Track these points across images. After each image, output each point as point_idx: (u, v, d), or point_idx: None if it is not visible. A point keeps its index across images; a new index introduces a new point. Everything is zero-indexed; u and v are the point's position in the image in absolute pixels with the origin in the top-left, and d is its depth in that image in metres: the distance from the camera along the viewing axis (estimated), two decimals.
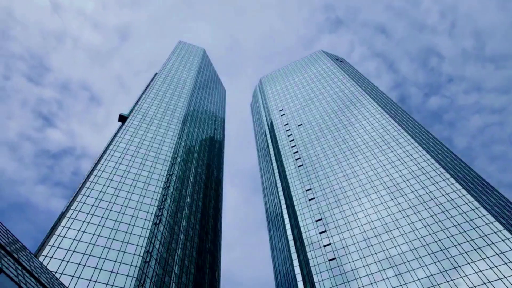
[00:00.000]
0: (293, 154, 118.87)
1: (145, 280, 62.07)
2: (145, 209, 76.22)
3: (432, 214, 75.48)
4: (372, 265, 71.66)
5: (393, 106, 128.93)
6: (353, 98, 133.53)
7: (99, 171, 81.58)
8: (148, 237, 69.50)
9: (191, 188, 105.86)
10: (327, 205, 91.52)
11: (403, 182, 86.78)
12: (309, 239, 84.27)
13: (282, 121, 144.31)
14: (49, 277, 35.80)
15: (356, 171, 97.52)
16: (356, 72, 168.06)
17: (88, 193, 74.18)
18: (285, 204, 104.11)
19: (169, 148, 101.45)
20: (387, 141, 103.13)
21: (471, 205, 73.02)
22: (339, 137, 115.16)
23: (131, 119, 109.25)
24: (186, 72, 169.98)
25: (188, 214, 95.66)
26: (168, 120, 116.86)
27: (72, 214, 67.65)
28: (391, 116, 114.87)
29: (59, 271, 55.86)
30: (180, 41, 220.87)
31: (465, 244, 66.50)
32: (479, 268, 61.62)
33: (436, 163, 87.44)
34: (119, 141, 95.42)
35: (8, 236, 32.44)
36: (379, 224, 79.29)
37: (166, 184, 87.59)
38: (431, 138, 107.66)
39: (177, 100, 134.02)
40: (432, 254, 67.84)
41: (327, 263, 76.48)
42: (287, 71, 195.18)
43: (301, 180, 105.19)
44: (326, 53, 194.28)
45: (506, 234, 64.61)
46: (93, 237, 64.64)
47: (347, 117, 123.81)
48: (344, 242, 79.39)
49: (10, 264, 25.43)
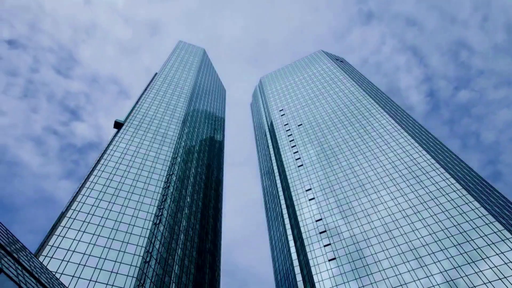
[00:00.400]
0: (293, 154, 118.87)
1: (145, 280, 62.08)
2: (145, 209, 76.22)
3: (432, 214, 75.51)
4: (372, 265, 71.70)
5: (393, 106, 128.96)
6: (353, 98, 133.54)
7: (99, 171, 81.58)
8: (148, 237, 69.51)
9: (191, 188, 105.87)
10: (327, 205, 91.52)
11: (403, 182, 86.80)
12: (309, 239, 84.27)
13: (282, 121, 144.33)
14: (49, 277, 35.80)
15: (356, 171, 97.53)
16: (356, 72, 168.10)
17: (88, 193, 74.18)
18: (285, 204, 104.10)
19: (169, 148, 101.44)
20: (387, 141, 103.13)
21: (471, 205, 73.04)
22: (339, 137, 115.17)
23: (131, 119, 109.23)
24: (186, 72, 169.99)
25: (188, 214, 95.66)
26: (168, 120, 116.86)
27: (72, 214, 67.66)
28: (391, 116, 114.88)
29: (59, 271, 55.86)
30: (180, 41, 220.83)
31: (465, 244, 66.52)
32: (479, 268, 61.66)
33: (436, 163, 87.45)
34: (119, 141, 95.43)
35: (8, 236, 32.44)
36: (379, 224, 79.30)
37: (166, 184, 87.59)
38: (431, 138, 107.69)
39: (177, 100, 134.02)
40: (432, 254, 67.87)
41: (327, 263, 76.49)
42: (287, 71, 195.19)
43: (301, 180, 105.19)
44: (326, 53, 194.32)
45: (506, 234, 64.63)
46: (93, 237, 64.64)
47: (347, 117, 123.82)
48: (344, 242, 79.40)
49: (10, 264, 25.44)
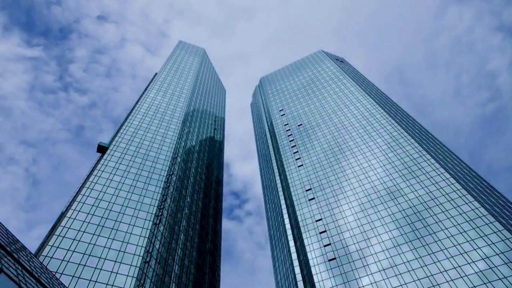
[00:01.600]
0: (293, 154, 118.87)
1: (145, 280, 62.08)
2: (145, 209, 76.22)
3: (432, 214, 75.48)
4: (372, 265, 71.68)
5: (393, 106, 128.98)
6: (353, 98, 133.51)
7: (99, 171, 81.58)
8: (148, 237, 69.51)
9: (191, 188, 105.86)
10: (327, 205, 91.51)
11: (403, 182, 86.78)
12: (309, 239, 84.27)
13: (282, 121, 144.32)
14: (49, 277, 35.80)
15: (356, 171, 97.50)
16: (356, 72, 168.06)
17: (88, 193, 74.18)
18: (285, 204, 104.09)
19: (169, 148, 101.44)
20: (387, 141, 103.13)
21: (471, 205, 73.03)
22: (339, 137, 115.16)
23: (131, 119, 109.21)
24: (186, 72, 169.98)
25: (188, 214, 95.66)
26: (168, 120, 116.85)
27: (72, 214, 67.66)
28: (391, 116, 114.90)
29: (59, 271, 55.86)
30: (180, 41, 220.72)
31: (465, 244, 66.52)
32: (479, 268, 61.65)
33: (436, 163, 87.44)
34: (119, 141, 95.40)
35: (8, 236, 32.44)
36: (379, 224, 79.28)
37: (166, 184, 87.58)
38: (431, 138, 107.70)
39: (177, 100, 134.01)
40: (432, 254, 67.86)
41: (327, 263, 76.48)
42: (287, 71, 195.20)
43: (301, 180, 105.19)
44: (326, 53, 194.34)
45: (506, 234, 64.64)
46: (93, 237, 64.64)
47: (347, 117, 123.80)
48: (344, 242, 79.40)
49: (10, 264, 25.43)
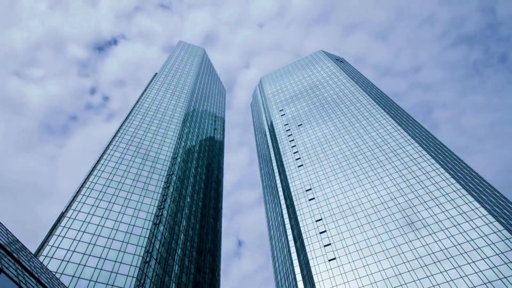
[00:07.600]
0: (293, 154, 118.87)
1: (145, 280, 62.08)
2: (145, 209, 76.23)
3: (432, 214, 75.49)
4: (372, 265, 71.67)
5: (392, 106, 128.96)
6: (353, 98, 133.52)
7: (99, 171, 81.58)
8: (148, 237, 69.51)
9: (191, 188, 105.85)
10: (327, 205, 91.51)
11: (403, 182, 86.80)
12: (309, 239, 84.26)
13: (282, 121, 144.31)
14: (49, 277, 35.80)
15: (356, 171, 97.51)
16: (356, 72, 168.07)
17: (88, 193, 74.19)
18: (285, 204, 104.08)
19: (169, 148, 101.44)
20: (387, 141, 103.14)
21: (471, 205, 73.04)
22: (339, 137, 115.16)
23: (131, 119, 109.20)
24: (186, 72, 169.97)
25: (188, 214, 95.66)
26: (168, 120, 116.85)
27: (72, 214, 67.66)
28: (391, 116, 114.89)
29: (59, 271, 55.87)
30: (180, 41, 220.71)
31: (465, 244, 66.51)
32: (479, 268, 61.63)
33: (436, 163, 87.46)
34: (119, 141, 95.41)
35: (8, 236, 32.44)
36: (379, 224, 79.29)
37: (166, 184, 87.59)
38: (431, 138, 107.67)
39: (177, 100, 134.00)
40: (432, 254, 67.85)
41: (327, 263, 76.47)
42: (287, 71, 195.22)
43: (301, 180, 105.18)
44: (326, 53, 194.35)
45: (506, 234, 64.62)
46: (93, 237, 64.65)
47: (347, 117, 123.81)
48: (344, 242, 79.39)
49: (10, 264, 25.44)
